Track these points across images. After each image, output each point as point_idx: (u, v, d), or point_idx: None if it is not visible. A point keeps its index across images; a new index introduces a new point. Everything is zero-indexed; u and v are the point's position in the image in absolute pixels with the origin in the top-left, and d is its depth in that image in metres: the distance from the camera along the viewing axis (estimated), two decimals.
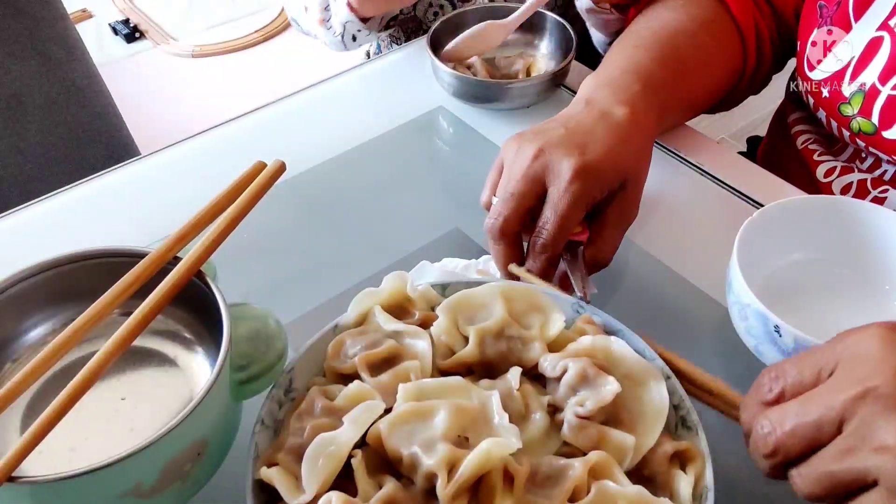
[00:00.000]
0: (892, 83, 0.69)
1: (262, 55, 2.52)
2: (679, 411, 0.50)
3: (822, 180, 0.78)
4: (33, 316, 0.53)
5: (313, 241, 0.73)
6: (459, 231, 0.73)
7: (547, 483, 0.45)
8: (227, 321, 0.47)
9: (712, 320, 0.64)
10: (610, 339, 0.51)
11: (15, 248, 0.70)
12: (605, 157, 0.60)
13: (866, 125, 0.72)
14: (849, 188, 0.76)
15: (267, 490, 0.45)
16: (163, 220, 0.65)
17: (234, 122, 0.84)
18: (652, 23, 0.76)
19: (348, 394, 0.48)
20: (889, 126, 0.70)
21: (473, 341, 0.51)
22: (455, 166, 0.83)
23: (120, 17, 2.62)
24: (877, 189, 0.74)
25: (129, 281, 0.49)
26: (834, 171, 0.77)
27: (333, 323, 0.54)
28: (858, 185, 0.76)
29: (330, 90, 0.89)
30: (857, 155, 0.77)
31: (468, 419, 0.46)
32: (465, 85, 0.82)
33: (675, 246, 0.70)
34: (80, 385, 0.43)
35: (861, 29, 0.71)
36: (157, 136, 1.18)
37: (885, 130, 0.71)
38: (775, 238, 0.62)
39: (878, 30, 0.70)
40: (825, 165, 0.78)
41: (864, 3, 0.70)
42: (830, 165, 0.78)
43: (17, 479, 0.41)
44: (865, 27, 0.71)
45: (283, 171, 0.55)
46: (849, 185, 0.76)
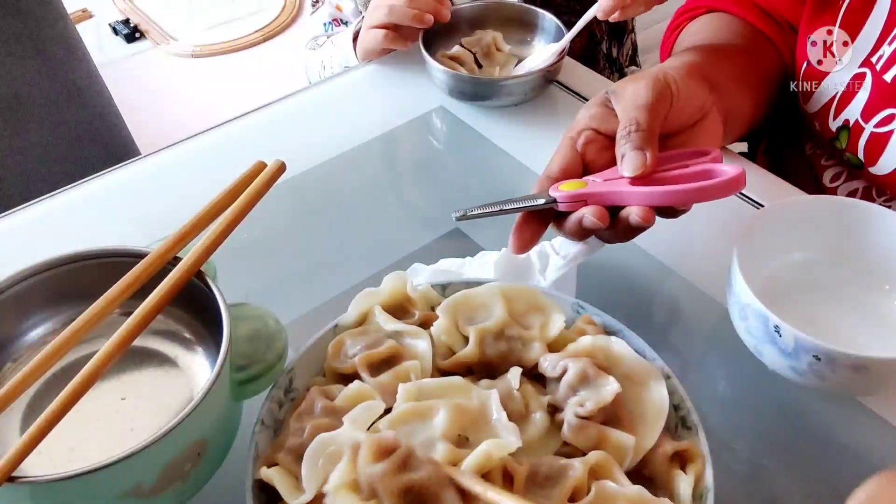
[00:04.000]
0: (876, 120, 0.69)
1: (262, 55, 2.52)
2: (679, 411, 0.50)
3: (829, 185, 0.78)
4: (33, 316, 0.53)
5: (313, 241, 0.73)
6: (459, 231, 0.73)
7: (547, 483, 0.45)
8: (227, 321, 0.47)
9: (712, 320, 0.64)
10: (610, 339, 0.51)
11: (15, 248, 0.70)
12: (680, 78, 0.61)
13: (854, 160, 0.72)
14: (854, 194, 0.76)
15: (267, 490, 0.45)
16: (163, 220, 0.65)
17: (234, 122, 0.84)
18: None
19: (348, 394, 0.48)
20: (874, 163, 0.70)
21: (473, 341, 0.51)
22: (455, 166, 0.83)
23: (120, 17, 2.62)
24: (881, 198, 0.74)
25: (129, 281, 0.49)
26: (840, 177, 0.77)
27: (333, 323, 0.54)
28: (864, 192, 0.76)
29: (330, 90, 0.89)
30: None
31: (468, 419, 0.46)
32: (459, 82, 0.82)
33: (675, 246, 0.70)
34: (80, 385, 0.43)
35: (843, 65, 0.71)
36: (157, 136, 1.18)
37: (870, 167, 0.71)
38: (775, 238, 0.62)
39: (861, 66, 0.70)
40: (831, 171, 0.78)
41: (846, 41, 0.70)
42: (837, 171, 0.78)
43: (17, 479, 0.41)
44: (848, 64, 0.71)
45: (283, 171, 0.55)
46: (854, 191, 0.76)
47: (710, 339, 0.65)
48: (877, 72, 0.68)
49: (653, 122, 0.57)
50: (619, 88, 0.60)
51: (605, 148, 0.60)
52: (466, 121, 0.84)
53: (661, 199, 0.55)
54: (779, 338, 0.53)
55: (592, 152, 0.60)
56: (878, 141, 0.69)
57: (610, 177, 0.58)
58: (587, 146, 0.60)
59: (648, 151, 0.56)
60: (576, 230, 0.57)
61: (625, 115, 0.58)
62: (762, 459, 0.56)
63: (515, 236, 0.57)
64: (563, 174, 0.58)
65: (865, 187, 0.75)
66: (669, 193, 0.55)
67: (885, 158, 0.69)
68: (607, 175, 0.58)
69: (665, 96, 0.59)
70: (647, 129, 0.57)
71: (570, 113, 0.84)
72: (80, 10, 2.64)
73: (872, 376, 0.52)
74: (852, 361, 0.51)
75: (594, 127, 0.60)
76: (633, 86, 0.59)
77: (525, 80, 0.82)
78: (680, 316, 0.66)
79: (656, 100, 0.58)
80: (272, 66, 2.45)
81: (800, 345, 0.52)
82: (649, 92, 0.58)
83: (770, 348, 0.55)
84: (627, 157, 0.56)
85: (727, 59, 0.72)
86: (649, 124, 0.57)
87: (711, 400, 0.59)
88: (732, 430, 0.58)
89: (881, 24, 0.69)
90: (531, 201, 0.57)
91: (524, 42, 0.90)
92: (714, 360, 0.63)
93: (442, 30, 0.87)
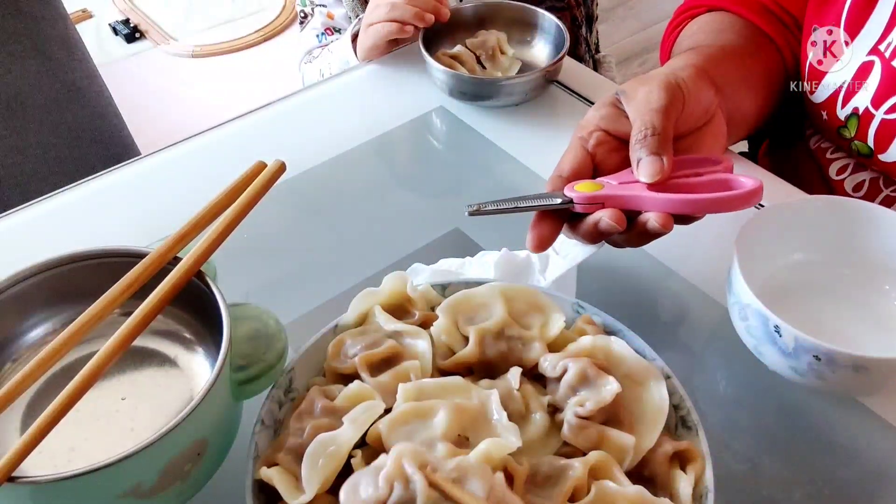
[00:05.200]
0: (886, 107, 0.69)
1: (262, 55, 2.52)
2: (679, 411, 0.50)
3: (835, 178, 0.78)
4: (33, 316, 0.53)
5: (313, 241, 0.73)
6: (459, 231, 0.73)
7: (547, 483, 0.45)
8: (227, 321, 0.47)
9: (712, 320, 0.64)
10: (610, 339, 0.51)
11: (15, 248, 0.70)
12: (689, 79, 0.60)
13: (863, 147, 0.72)
14: (861, 186, 0.76)
15: (267, 490, 0.45)
16: (163, 220, 0.65)
17: (234, 122, 0.84)
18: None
19: (348, 394, 0.48)
20: (884, 150, 0.70)
21: (473, 341, 0.51)
22: (455, 166, 0.83)
23: (120, 17, 2.62)
24: (889, 188, 0.74)
25: (129, 281, 0.49)
26: (846, 169, 0.77)
27: (333, 323, 0.54)
28: (871, 183, 0.75)
29: (330, 90, 0.89)
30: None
31: (468, 419, 0.46)
32: (458, 82, 0.82)
33: (676, 246, 0.69)
34: (80, 385, 0.43)
35: (852, 53, 0.71)
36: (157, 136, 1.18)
37: (880, 154, 0.71)
38: (775, 238, 0.62)
39: (869, 54, 0.70)
40: (837, 163, 0.78)
41: (855, 28, 0.70)
42: (843, 163, 0.77)
43: (17, 479, 0.41)
44: (856, 51, 0.71)
45: (283, 172, 0.55)
46: (861, 182, 0.76)
47: (710, 339, 0.65)
48: (886, 59, 0.68)
49: (667, 126, 0.57)
50: (630, 90, 0.60)
51: (616, 149, 0.60)
52: (466, 121, 0.84)
53: (682, 207, 0.55)
54: (779, 338, 0.53)
55: (603, 153, 0.60)
56: (889, 128, 0.69)
57: (624, 179, 0.57)
58: (598, 147, 0.60)
59: (665, 156, 0.56)
60: (592, 233, 0.56)
61: (638, 118, 0.58)
62: (762, 460, 0.56)
63: (534, 233, 0.57)
64: (574, 175, 0.58)
65: (872, 178, 0.75)
66: (690, 202, 0.55)
67: None
68: (621, 178, 0.58)
69: (677, 99, 0.59)
70: (661, 133, 0.56)
71: (570, 113, 0.84)
72: (80, 10, 2.63)
73: (872, 376, 0.52)
74: (852, 361, 0.51)
75: (604, 128, 0.60)
76: (644, 88, 0.59)
77: (525, 80, 0.82)
78: (680, 316, 0.66)
79: (669, 102, 0.58)
80: (272, 66, 2.45)
81: (800, 345, 0.52)
82: (662, 95, 0.58)
83: (770, 348, 0.55)
84: (644, 162, 0.56)
85: (730, 60, 0.71)
86: (664, 128, 0.57)
87: (711, 400, 0.59)
88: (732, 430, 0.58)
89: (889, 11, 0.69)
90: (547, 200, 0.57)
91: (524, 42, 0.90)
92: (714, 360, 0.63)
93: (442, 30, 0.87)
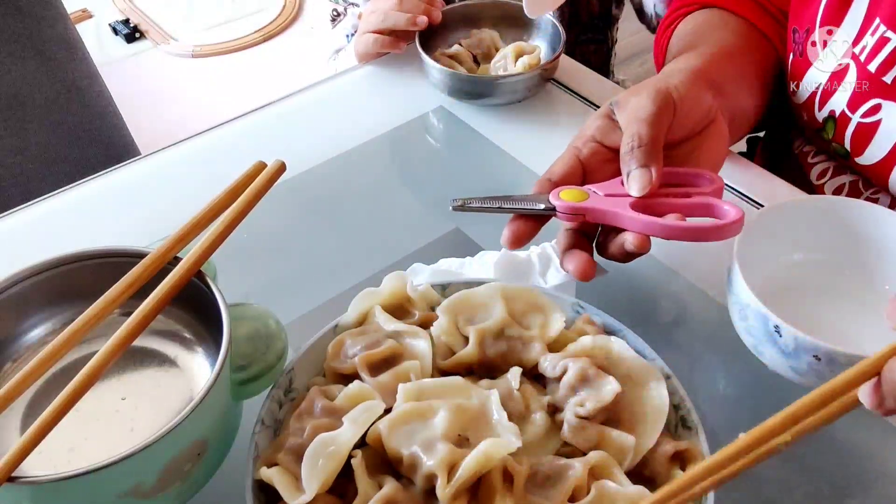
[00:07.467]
0: (862, 111, 0.69)
1: (262, 55, 2.52)
2: (679, 411, 0.50)
3: (816, 182, 0.78)
4: (33, 316, 0.53)
5: (313, 241, 0.73)
6: (459, 231, 0.73)
7: (547, 483, 0.45)
8: (227, 321, 0.47)
9: (712, 320, 0.64)
10: (610, 340, 0.51)
11: (15, 248, 0.70)
12: (683, 87, 0.61)
13: (841, 150, 0.72)
14: (841, 189, 0.76)
15: (267, 490, 0.45)
16: (163, 220, 0.65)
17: (234, 122, 0.84)
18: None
19: (348, 394, 0.48)
20: (860, 153, 0.71)
21: (473, 341, 0.51)
22: (455, 166, 0.83)
23: (120, 17, 2.62)
24: (868, 190, 0.74)
25: (129, 281, 0.49)
26: (827, 173, 0.77)
27: (333, 323, 0.54)
28: (850, 185, 0.76)
29: (330, 90, 0.89)
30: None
31: (468, 419, 0.46)
32: (456, 81, 0.82)
33: (675, 246, 0.69)
34: (80, 385, 0.43)
35: (826, 56, 0.71)
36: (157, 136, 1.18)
37: (857, 157, 0.71)
38: (775, 238, 0.62)
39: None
40: (819, 167, 0.78)
41: (831, 30, 0.71)
42: (823, 167, 0.78)
43: (17, 479, 0.41)
44: (830, 54, 0.71)
45: (283, 172, 0.55)
46: (841, 185, 0.76)
47: (710, 339, 0.65)
48: (861, 63, 0.68)
49: (656, 135, 0.57)
50: (623, 100, 0.61)
51: (608, 160, 0.61)
52: (465, 120, 0.84)
53: (657, 232, 0.55)
54: (779, 338, 0.53)
55: (596, 164, 0.61)
56: (865, 131, 0.70)
57: (611, 191, 0.58)
58: (591, 157, 0.61)
59: (653, 167, 0.56)
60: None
61: (627, 129, 0.58)
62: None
63: (510, 229, 0.58)
64: (563, 180, 0.59)
65: (852, 182, 0.75)
66: (667, 228, 0.55)
67: (872, 149, 0.70)
68: (608, 188, 0.58)
69: (667, 106, 0.59)
70: (649, 143, 0.57)
71: (568, 111, 0.84)
72: (80, 10, 2.63)
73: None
74: (852, 361, 0.51)
75: (598, 139, 0.61)
76: (635, 98, 0.59)
77: (522, 78, 0.82)
78: (680, 316, 0.66)
79: (658, 111, 0.58)
80: (272, 66, 2.45)
81: (800, 345, 0.52)
82: (650, 104, 0.58)
83: (770, 348, 0.55)
84: (633, 176, 0.57)
85: (727, 59, 0.72)
86: (651, 137, 0.57)
87: (711, 400, 0.59)
88: (732, 430, 0.58)
89: (862, 14, 0.69)
90: (531, 203, 0.58)
91: (520, 40, 0.90)
92: (714, 360, 0.63)
93: (438, 29, 0.87)
